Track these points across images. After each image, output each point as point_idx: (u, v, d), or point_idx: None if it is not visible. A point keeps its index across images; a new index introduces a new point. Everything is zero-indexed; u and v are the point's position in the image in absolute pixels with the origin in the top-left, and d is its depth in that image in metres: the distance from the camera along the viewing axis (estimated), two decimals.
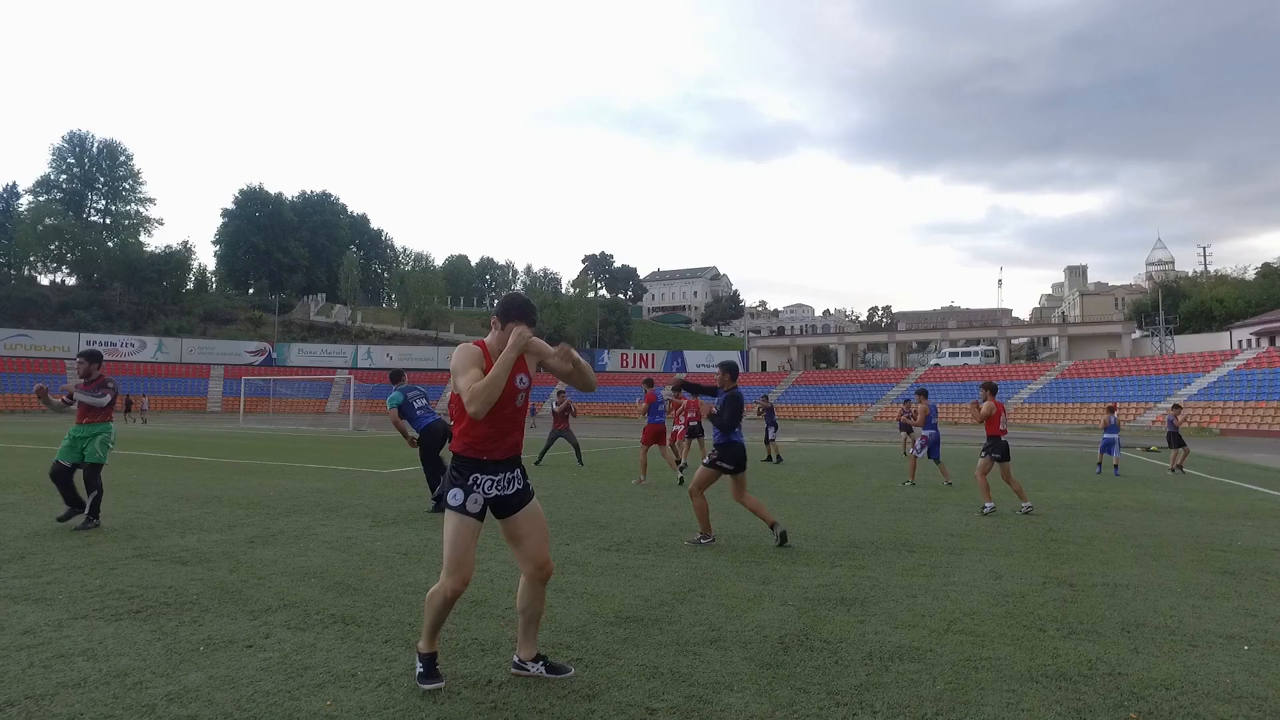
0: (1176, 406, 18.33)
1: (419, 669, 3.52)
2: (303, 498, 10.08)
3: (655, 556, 6.55)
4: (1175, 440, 16.82)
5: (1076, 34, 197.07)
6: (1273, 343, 52.78)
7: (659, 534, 7.69)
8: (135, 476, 12.41)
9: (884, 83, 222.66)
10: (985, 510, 9.79)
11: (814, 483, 13.22)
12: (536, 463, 14.95)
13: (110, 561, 5.99)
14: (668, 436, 13.59)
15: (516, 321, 3.43)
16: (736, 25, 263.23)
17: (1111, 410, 17.12)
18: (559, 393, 16.06)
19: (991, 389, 10.66)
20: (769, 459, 17.56)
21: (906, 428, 20.82)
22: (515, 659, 3.68)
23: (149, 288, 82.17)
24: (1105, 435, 16.41)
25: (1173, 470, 16.28)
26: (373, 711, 3.19)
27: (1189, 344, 59.46)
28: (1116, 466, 15.98)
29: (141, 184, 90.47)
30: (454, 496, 3.43)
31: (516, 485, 3.54)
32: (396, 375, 9.56)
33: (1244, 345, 53.77)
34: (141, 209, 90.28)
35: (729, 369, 7.42)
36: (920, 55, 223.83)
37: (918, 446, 13.31)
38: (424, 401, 9.36)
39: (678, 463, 13.21)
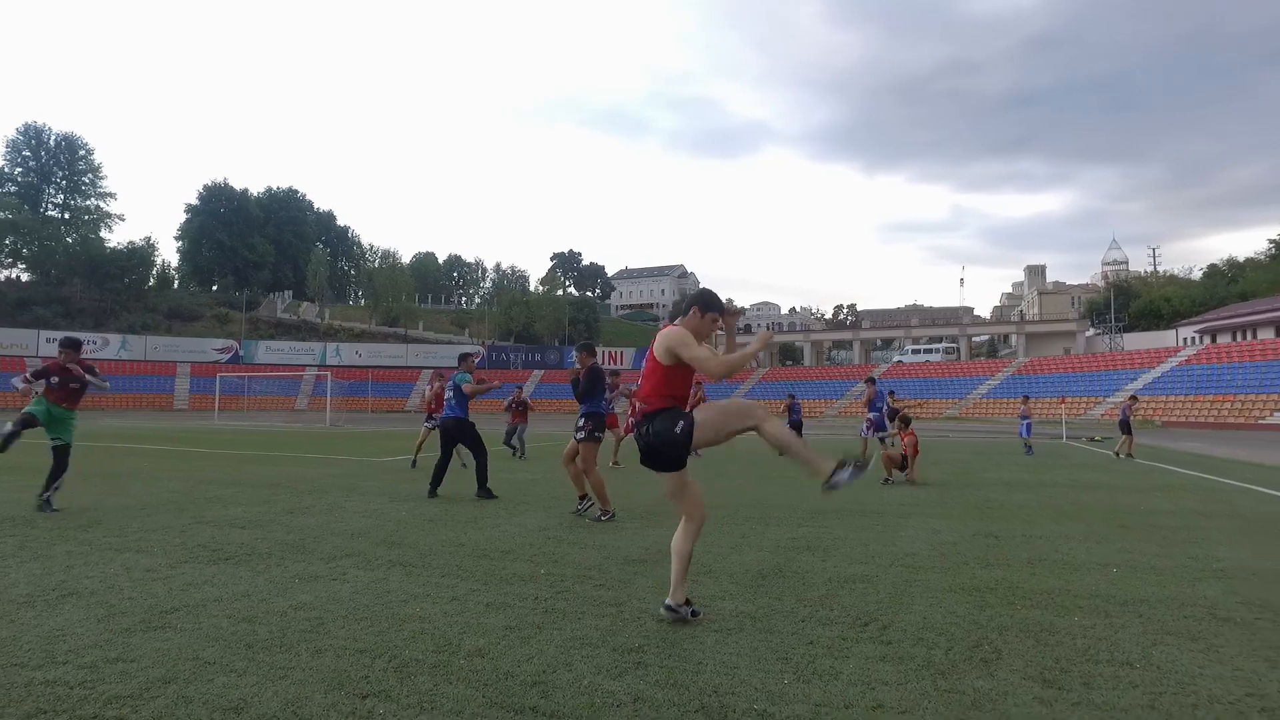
0: (1133, 398, 20.16)
1: (691, 611, 4.09)
2: (317, 481, 10.97)
3: (645, 522, 7.62)
4: (1126, 428, 18.26)
5: (1039, 36, 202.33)
6: (1214, 340, 55.53)
7: (645, 506, 8.77)
8: (149, 465, 13.18)
9: (850, 83, 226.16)
10: (883, 479, 11.46)
11: (783, 466, 14.39)
12: (520, 457, 15.86)
13: (176, 527, 6.89)
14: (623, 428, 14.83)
15: (714, 312, 4.16)
16: (704, 23, 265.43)
17: (1025, 402, 20.90)
18: (519, 388, 17.19)
19: (906, 422, 12.30)
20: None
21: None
22: (665, 603, 4.12)
23: (111, 284, 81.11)
24: (1022, 422, 19.40)
25: (1118, 455, 17.57)
26: (454, 615, 4.20)
27: (1137, 341, 62.23)
28: (1030, 447, 18.82)
29: (102, 178, 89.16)
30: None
31: None
32: (460, 358, 10.03)
33: (1187, 343, 56.46)
34: (102, 204, 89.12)
35: (586, 349, 8.61)
36: (885, 56, 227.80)
37: (865, 428, 14.64)
38: (450, 395, 9.58)
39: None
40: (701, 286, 4.45)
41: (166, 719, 2.77)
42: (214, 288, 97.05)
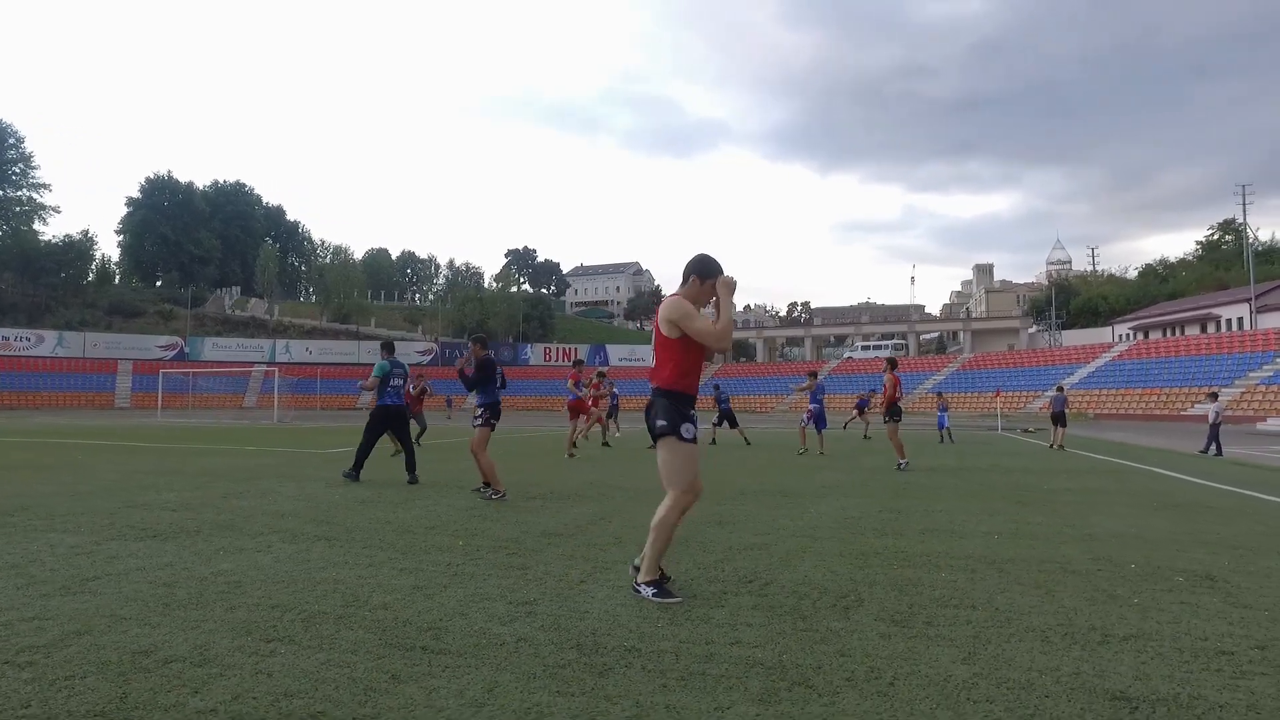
0: (1059, 388, 21.03)
1: (652, 592, 3.99)
2: (255, 469, 11.05)
3: (573, 501, 7.94)
4: (1061, 420, 18.76)
5: (987, 41, 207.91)
6: (1146, 336, 57.85)
7: (576, 488, 9.09)
8: (83, 458, 13.06)
9: (805, 84, 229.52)
10: (901, 467, 11.68)
11: (721, 455, 14.82)
12: (418, 440, 15.84)
13: (106, 510, 6.97)
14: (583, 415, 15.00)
15: (714, 277, 4.09)
16: (660, 23, 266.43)
17: (940, 396, 23.76)
18: (419, 375, 16.97)
19: (892, 364, 12.67)
20: (713, 441, 18.46)
21: (862, 407, 23.84)
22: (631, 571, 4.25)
23: (46, 279, 78.48)
24: (939, 414, 21.16)
25: (1061, 448, 17.36)
26: (366, 578, 4.46)
27: (1075, 337, 64.50)
28: (950, 435, 20.53)
29: (34, 168, 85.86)
30: (687, 430, 4.07)
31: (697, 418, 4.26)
32: (387, 346, 10.17)
33: (1122, 339, 58.72)
34: (35, 195, 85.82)
35: (479, 341, 8.73)
36: (839, 58, 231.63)
37: (805, 418, 15.14)
38: (400, 383, 9.80)
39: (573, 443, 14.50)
40: (699, 253, 4.43)
41: (77, 662, 2.99)
42: (158, 283, 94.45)
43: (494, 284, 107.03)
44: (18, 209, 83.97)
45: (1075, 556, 5.18)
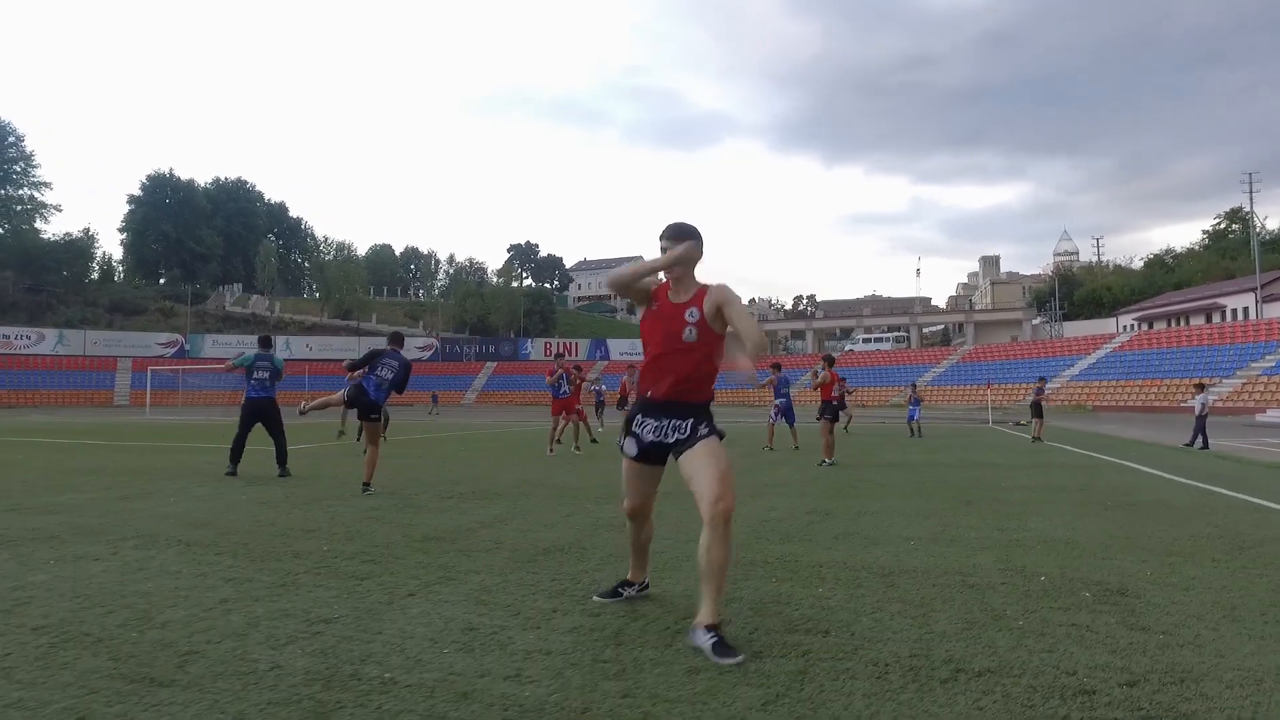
0: (1042, 379, 20.87)
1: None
2: (188, 467, 10.70)
3: (487, 501, 7.50)
4: (1037, 410, 18.47)
5: (993, 31, 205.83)
6: (1150, 326, 56.96)
7: (501, 486, 8.66)
8: (21, 457, 12.75)
9: (809, 75, 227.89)
10: (824, 464, 11.13)
11: None
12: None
13: None
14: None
15: (674, 242, 3.48)
16: (662, 15, 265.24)
17: (914, 388, 22.90)
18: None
19: (829, 361, 12.16)
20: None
21: (841, 405, 23.19)
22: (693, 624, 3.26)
23: (47, 277, 78.57)
24: (910, 407, 20.38)
25: (1036, 440, 17.08)
26: (182, 590, 4.03)
27: (1078, 329, 63.61)
28: (919, 429, 19.79)
29: (35, 167, 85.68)
30: (620, 441, 3.64)
31: (679, 435, 3.44)
32: (263, 341, 10.07)
33: (1126, 330, 57.86)
34: (36, 194, 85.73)
35: (395, 338, 8.84)
36: (844, 49, 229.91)
37: (773, 414, 14.68)
38: (265, 375, 9.67)
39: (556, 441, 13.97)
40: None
41: None
42: (161, 281, 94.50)
43: (496, 279, 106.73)
44: (18, 208, 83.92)
45: (985, 566, 4.70)
